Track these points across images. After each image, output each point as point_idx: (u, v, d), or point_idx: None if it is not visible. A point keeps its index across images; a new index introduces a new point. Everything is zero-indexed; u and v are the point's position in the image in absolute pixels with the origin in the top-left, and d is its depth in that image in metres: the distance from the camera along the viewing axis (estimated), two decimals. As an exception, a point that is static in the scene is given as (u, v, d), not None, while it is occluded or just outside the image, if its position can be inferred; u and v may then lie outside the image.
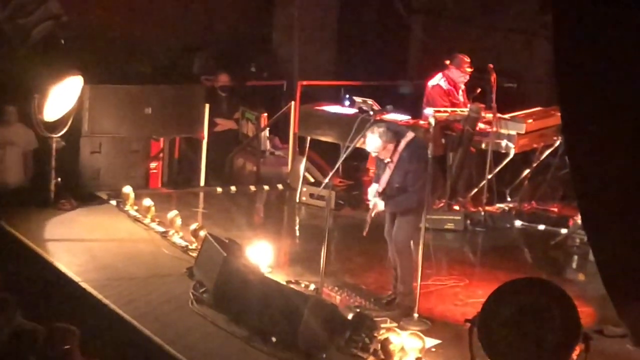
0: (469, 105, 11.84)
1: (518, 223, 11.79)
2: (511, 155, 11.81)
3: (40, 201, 11.33)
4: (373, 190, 9.07)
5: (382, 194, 9.01)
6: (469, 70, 12.10)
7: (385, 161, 8.98)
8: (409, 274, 9.00)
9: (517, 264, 10.63)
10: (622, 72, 5.64)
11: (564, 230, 11.22)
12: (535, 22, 13.75)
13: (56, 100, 11.22)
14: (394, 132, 8.94)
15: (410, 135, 9.01)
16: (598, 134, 5.83)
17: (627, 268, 6.16)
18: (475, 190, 11.99)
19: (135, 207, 11.31)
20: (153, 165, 12.47)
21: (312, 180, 12.59)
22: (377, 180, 9.09)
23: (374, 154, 9.14)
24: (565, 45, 5.78)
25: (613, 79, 5.67)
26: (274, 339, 8.14)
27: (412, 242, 9.00)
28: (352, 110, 11.97)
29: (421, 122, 11.68)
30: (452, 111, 11.86)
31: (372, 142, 8.91)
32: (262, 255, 9.68)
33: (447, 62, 12.13)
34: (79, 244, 10.38)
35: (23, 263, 9.99)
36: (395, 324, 8.53)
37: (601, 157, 5.81)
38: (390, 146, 8.88)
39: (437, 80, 12.13)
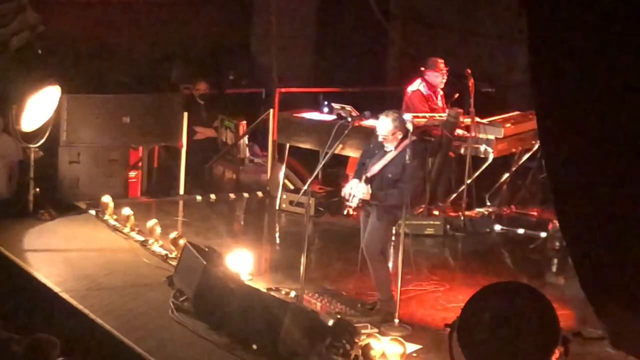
0: (447, 111, 11.85)
1: (498, 227, 11.81)
2: (490, 160, 11.85)
3: (19, 211, 11.29)
4: (352, 184, 8.98)
5: (370, 181, 8.90)
6: (445, 69, 12.12)
7: (387, 149, 8.91)
8: (384, 280, 8.96)
9: (497, 268, 10.65)
10: (597, 77, 5.65)
11: (543, 234, 11.24)
12: (513, 27, 13.79)
13: (34, 111, 11.18)
14: (405, 124, 8.94)
15: (413, 136, 9.02)
16: (574, 139, 5.84)
17: (605, 270, 6.16)
18: (455, 195, 12.03)
19: (115, 217, 11.29)
20: (132, 174, 12.42)
21: (291, 187, 12.58)
22: (359, 177, 8.98)
23: (380, 138, 8.95)
24: (540, 50, 5.79)
25: (588, 83, 5.68)
26: (254, 347, 8.14)
27: (391, 247, 8.98)
28: (331, 117, 11.97)
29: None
30: (430, 116, 11.88)
31: (384, 125, 8.85)
32: (242, 263, 9.67)
33: (422, 68, 12.16)
34: (58, 254, 10.34)
35: (2, 274, 9.94)
36: (375, 330, 8.55)
37: (577, 162, 5.82)
38: (399, 135, 8.85)
39: (417, 85, 12.15)
